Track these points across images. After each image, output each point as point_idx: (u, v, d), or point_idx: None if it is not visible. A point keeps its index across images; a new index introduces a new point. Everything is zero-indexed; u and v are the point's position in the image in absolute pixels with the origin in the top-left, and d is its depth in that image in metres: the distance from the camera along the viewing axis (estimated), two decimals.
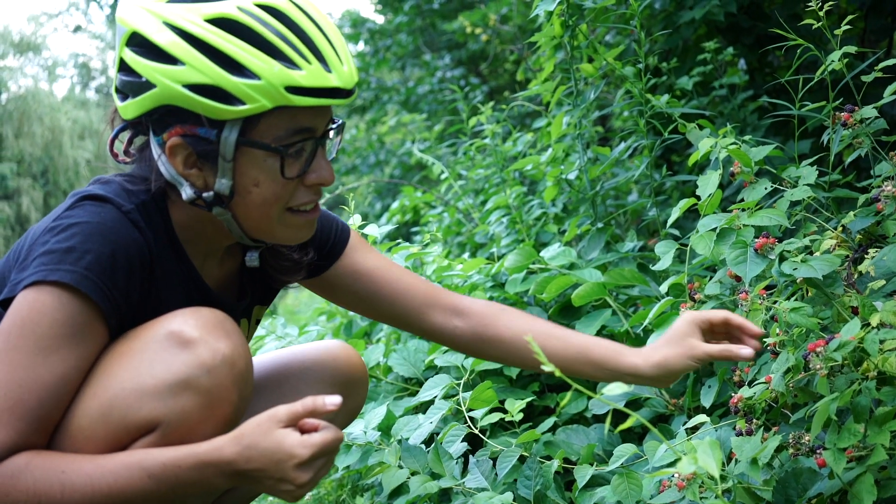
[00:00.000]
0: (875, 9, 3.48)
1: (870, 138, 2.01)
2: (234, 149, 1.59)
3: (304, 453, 1.51)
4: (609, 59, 3.01)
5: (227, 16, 1.53)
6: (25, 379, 1.49)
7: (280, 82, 1.53)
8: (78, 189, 1.69)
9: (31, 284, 1.52)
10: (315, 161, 1.66)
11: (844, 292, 1.85)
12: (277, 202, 1.65)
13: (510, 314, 2.02)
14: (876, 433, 1.55)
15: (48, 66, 29.59)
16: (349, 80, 1.61)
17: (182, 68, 1.53)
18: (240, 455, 1.52)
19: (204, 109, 1.55)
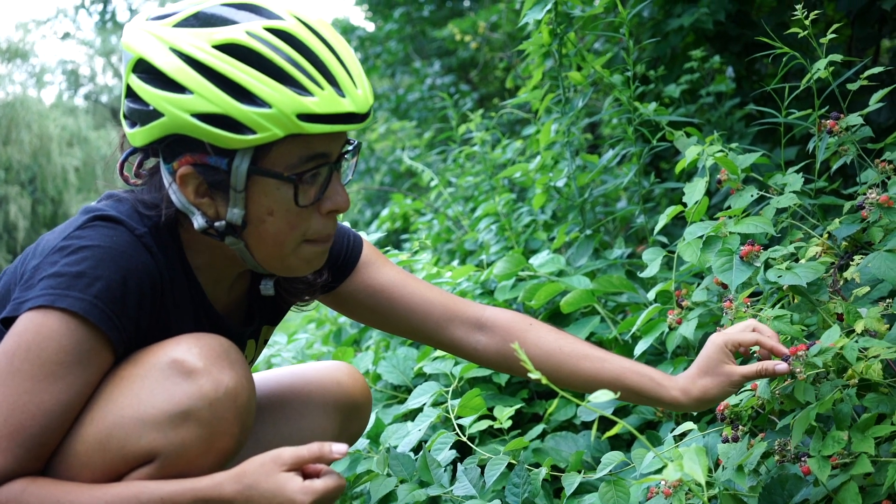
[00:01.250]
0: (861, 17, 3.50)
1: (855, 146, 2.02)
2: (245, 178, 1.54)
3: (305, 500, 1.50)
4: (597, 67, 3.02)
5: (235, 41, 1.48)
6: (28, 404, 1.46)
7: (292, 110, 1.48)
8: (89, 204, 1.65)
9: (37, 307, 1.48)
10: (330, 187, 1.61)
11: (830, 299, 1.86)
12: (292, 232, 1.60)
13: (538, 330, 1.93)
14: (860, 440, 1.56)
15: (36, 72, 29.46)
16: (364, 105, 1.55)
17: (190, 97, 1.48)
18: (240, 494, 1.50)
19: (213, 139, 1.50)
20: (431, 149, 6.47)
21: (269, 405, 2.05)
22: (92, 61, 32.45)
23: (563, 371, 1.85)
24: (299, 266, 1.67)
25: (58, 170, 21.98)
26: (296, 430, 2.06)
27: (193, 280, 1.70)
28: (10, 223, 21.54)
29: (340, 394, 2.10)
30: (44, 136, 21.87)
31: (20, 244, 21.53)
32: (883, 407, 1.60)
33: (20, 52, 27.49)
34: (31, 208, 22.05)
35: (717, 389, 1.73)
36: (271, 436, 2.04)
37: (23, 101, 22.17)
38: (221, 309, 1.80)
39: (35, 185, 22.18)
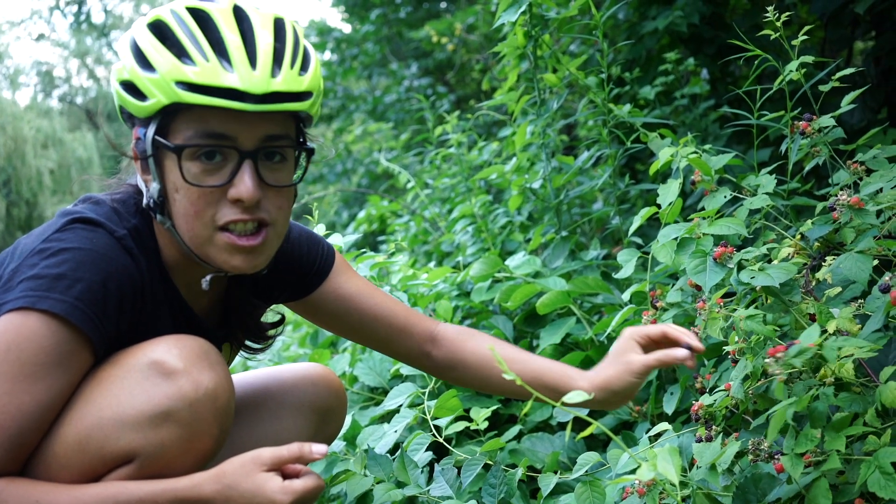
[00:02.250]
0: (834, 19, 3.52)
1: (828, 147, 2.04)
2: (152, 147, 1.58)
3: (285, 500, 1.50)
4: (572, 69, 3.04)
5: (158, 17, 1.59)
6: (7, 406, 1.46)
7: (171, 77, 1.52)
8: (67, 208, 1.67)
9: (17, 309, 1.48)
10: (238, 175, 1.58)
11: (802, 300, 1.88)
12: (198, 214, 1.58)
13: (477, 339, 2.01)
14: (833, 438, 1.57)
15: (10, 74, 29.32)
16: (256, 85, 1.52)
17: (120, 66, 1.61)
18: (219, 494, 1.51)
19: (129, 106, 1.59)
20: (408, 150, 6.48)
21: (244, 407, 2.06)
22: (67, 63, 32.32)
23: (494, 376, 1.95)
24: (218, 257, 1.63)
25: (32, 172, 21.86)
26: (271, 431, 2.07)
27: (169, 281, 1.71)
28: None
29: (315, 395, 2.12)
30: (18, 139, 21.73)
31: None
32: (855, 406, 1.61)
33: None
34: (5, 210, 21.92)
35: (619, 378, 1.79)
36: (247, 437, 2.04)
37: None
38: (199, 311, 1.81)
39: (9, 188, 22.04)
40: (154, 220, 1.68)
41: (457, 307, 3.03)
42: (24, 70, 31.56)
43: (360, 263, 2.98)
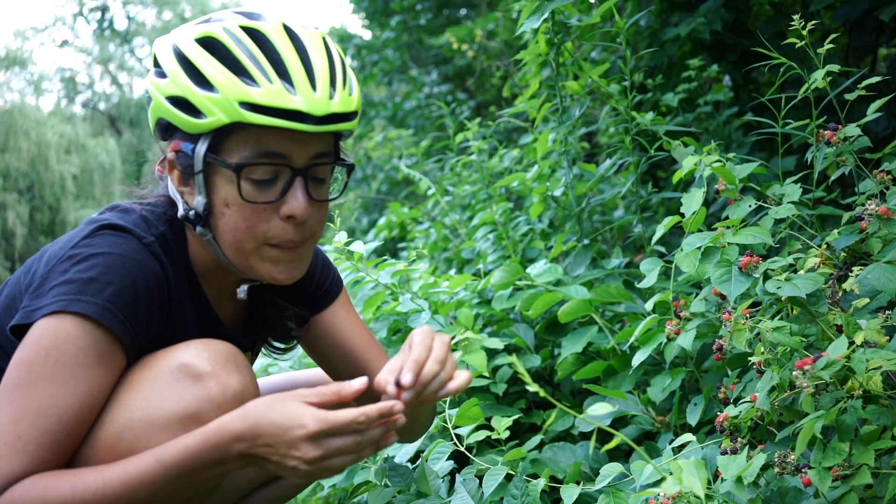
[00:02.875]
0: (858, 26, 3.50)
1: (853, 156, 2.02)
2: (203, 163, 1.60)
3: (315, 425, 1.44)
4: (594, 76, 3.02)
5: (210, 35, 1.60)
6: (53, 408, 1.48)
7: (235, 97, 1.54)
8: (94, 216, 1.70)
9: (50, 314, 1.50)
10: (290, 192, 1.62)
11: (829, 310, 1.85)
12: (249, 229, 1.62)
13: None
14: (861, 452, 1.55)
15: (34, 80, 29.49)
16: (318, 107, 1.56)
17: (166, 81, 1.61)
18: (248, 428, 1.47)
19: (178, 122, 1.59)
20: (428, 157, 6.47)
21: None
22: (90, 69, 32.45)
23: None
24: (262, 269, 1.68)
25: (55, 177, 21.99)
26: None
27: (198, 288, 1.74)
28: (8, 230, 21.54)
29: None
30: (42, 144, 21.88)
31: (18, 251, 21.52)
32: (884, 419, 1.59)
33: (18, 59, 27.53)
34: (28, 215, 22.06)
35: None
36: None
37: (21, 108, 22.18)
38: (224, 319, 1.84)
39: (33, 193, 22.19)
40: (186, 229, 1.72)
41: (477, 315, 3.02)
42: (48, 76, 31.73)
43: (381, 271, 2.98)
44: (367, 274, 2.93)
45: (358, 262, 2.88)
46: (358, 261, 2.88)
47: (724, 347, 2.02)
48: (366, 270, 2.92)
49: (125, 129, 29.65)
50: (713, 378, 2.33)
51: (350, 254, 2.87)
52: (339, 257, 2.84)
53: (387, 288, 2.96)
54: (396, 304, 3.01)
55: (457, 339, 2.71)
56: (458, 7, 9.29)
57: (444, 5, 9.14)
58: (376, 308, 3.10)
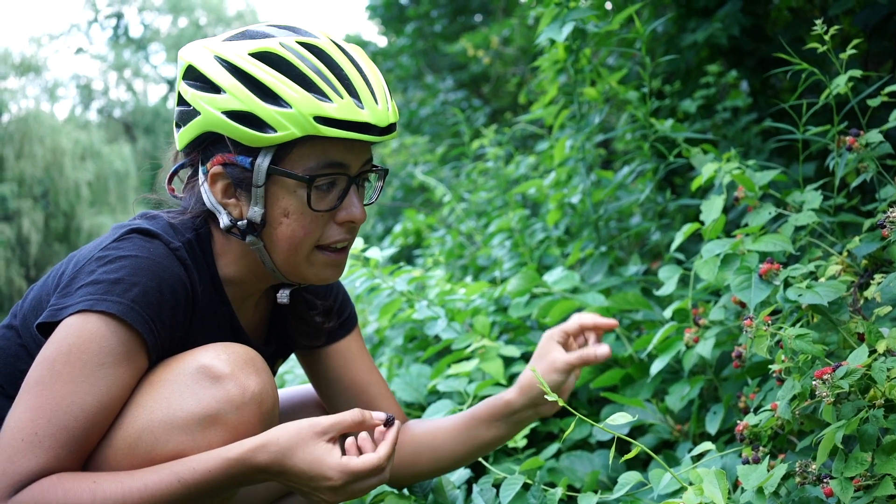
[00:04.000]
0: (878, 31, 3.47)
1: (875, 162, 2.00)
2: (265, 176, 1.63)
3: (339, 479, 1.53)
4: (613, 82, 3.01)
5: (269, 49, 1.62)
6: (71, 406, 1.49)
7: (310, 112, 1.58)
8: (121, 222, 1.73)
9: (76, 312, 1.53)
10: (347, 198, 1.69)
11: (850, 318, 1.84)
12: (307, 236, 1.68)
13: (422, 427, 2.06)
14: (883, 462, 1.53)
15: (49, 87, 29.65)
16: (382, 119, 1.64)
17: (223, 96, 1.61)
18: (273, 463, 1.53)
19: (239, 136, 1.62)
20: (444, 164, 6.46)
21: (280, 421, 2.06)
22: (105, 76, 32.61)
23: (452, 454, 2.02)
24: (311, 273, 1.74)
25: (70, 184, 22.09)
26: None
27: (223, 294, 1.77)
28: (23, 237, 21.63)
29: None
30: (56, 151, 21.99)
31: (33, 258, 21.61)
32: None
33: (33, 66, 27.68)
34: (43, 222, 22.15)
35: (547, 372, 1.93)
36: None
37: (36, 115, 22.31)
38: (246, 326, 1.87)
39: (48, 199, 22.29)
40: (213, 239, 1.75)
41: (494, 322, 3.01)
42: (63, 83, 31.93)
43: (396, 278, 2.97)
44: (384, 281, 2.92)
45: (374, 269, 2.88)
46: (374, 268, 2.88)
47: (744, 355, 2.01)
48: (382, 277, 2.92)
49: (140, 135, 29.76)
50: (732, 386, 2.31)
51: (366, 261, 2.86)
52: (354, 264, 2.83)
53: (403, 295, 2.95)
54: (412, 312, 3.00)
55: (474, 347, 2.70)
56: (474, 13, 9.29)
57: (459, 12, 9.14)
58: (392, 315, 3.09)
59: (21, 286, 20.89)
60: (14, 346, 1.70)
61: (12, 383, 1.64)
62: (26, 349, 1.68)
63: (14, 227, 21.57)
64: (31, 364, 1.55)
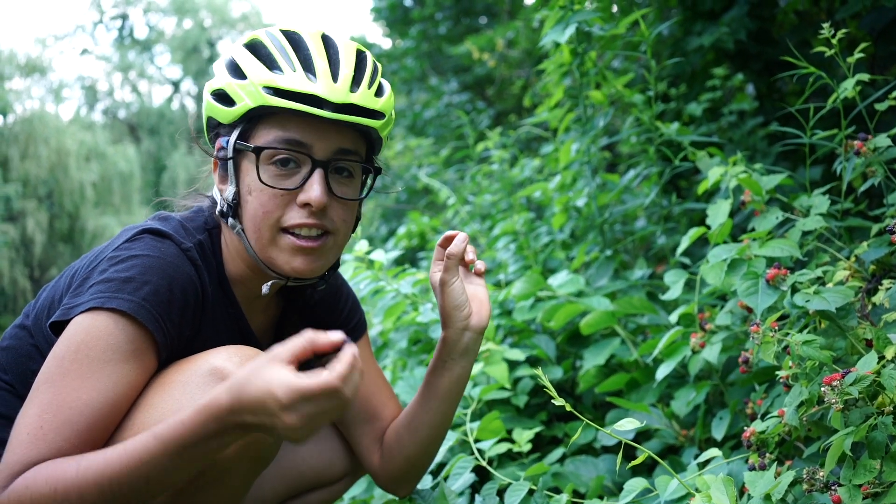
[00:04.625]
0: (885, 34, 3.46)
1: (883, 167, 1.99)
2: (233, 151, 1.70)
3: (287, 397, 1.39)
4: (619, 86, 3.00)
5: (254, 38, 1.75)
6: (76, 401, 1.50)
7: (260, 81, 1.66)
8: (134, 224, 1.75)
9: (87, 310, 1.54)
10: (309, 182, 1.69)
11: (858, 324, 1.82)
12: (266, 215, 1.69)
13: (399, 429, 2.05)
14: (892, 469, 1.52)
15: (54, 88, 29.70)
16: (336, 95, 1.66)
17: (213, 79, 1.76)
18: (234, 399, 1.43)
19: (216, 113, 1.72)
20: (448, 166, 6.45)
21: None
22: (110, 77, 32.66)
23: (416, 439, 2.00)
24: (281, 259, 1.72)
25: (75, 185, 22.10)
26: (315, 451, 2.10)
27: (231, 296, 1.79)
28: (28, 237, 21.65)
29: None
30: (61, 152, 22.00)
31: (37, 258, 21.63)
32: None
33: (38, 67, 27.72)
34: (48, 223, 22.16)
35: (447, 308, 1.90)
36: (291, 456, 2.08)
37: (41, 116, 22.31)
38: (255, 328, 1.88)
39: (52, 200, 22.30)
40: (222, 236, 1.79)
41: (499, 326, 3.00)
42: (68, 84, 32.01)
43: (401, 280, 2.96)
44: (388, 283, 2.91)
45: (378, 271, 2.87)
46: (378, 270, 2.87)
47: (751, 360, 1.99)
48: (386, 280, 2.91)
49: (145, 136, 29.80)
50: (739, 392, 2.30)
51: (371, 263, 2.85)
52: (359, 266, 2.82)
53: (407, 298, 2.94)
54: (417, 314, 3.00)
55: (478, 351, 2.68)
56: (478, 16, 9.28)
57: (463, 14, 9.14)
58: (396, 318, 3.08)
59: (25, 287, 20.91)
60: (26, 346, 1.72)
61: (23, 383, 1.66)
62: (38, 349, 1.69)
63: (18, 228, 21.58)
64: (42, 363, 1.55)
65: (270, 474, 2.06)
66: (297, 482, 2.10)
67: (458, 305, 1.88)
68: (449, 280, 1.86)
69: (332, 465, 2.12)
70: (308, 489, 2.12)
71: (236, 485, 1.65)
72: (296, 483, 2.09)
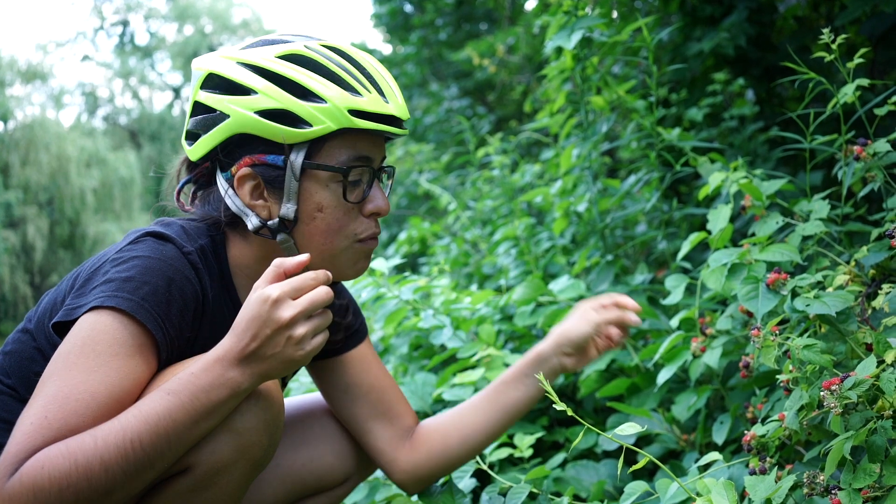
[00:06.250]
0: (885, 40, 3.47)
1: (883, 172, 2.00)
2: (300, 172, 1.68)
3: (272, 289, 1.52)
4: (621, 92, 3.01)
5: (295, 52, 1.69)
6: (83, 394, 1.50)
7: (345, 105, 1.65)
8: (138, 227, 1.76)
9: (90, 310, 1.56)
10: (372, 191, 1.75)
11: (858, 328, 1.83)
12: (341, 229, 1.73)
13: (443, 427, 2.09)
14: (892, 473, 1.53)
15: (55, 94, 29.73)
16: (403, 112, 1.74)
17: (255, 97, 1.66)
18: (235, 336, 1.53)
19: (273, 134, 1.66)
20: (449, 172, 6.46)
21: (290, 429, 2.09)
22: (111, 83, 32.71)
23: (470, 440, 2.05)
24: (347, 266, 1.78)
25: (76, 191, 22.12)
26: (316, 455, 2.09)
27: (237, 300, 1.79)
28: (28, 244, 21.66)
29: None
30: (62, 158, 22.02)
31: (37, 265, 21.64)
32: None
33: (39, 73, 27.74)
34: (48, 229, 22.17)
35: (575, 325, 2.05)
36: (292, 460, 2.07)
37: (41, 122, 22.34)
38: None
39: (53, 206, 22.31)
40: (229, 244, 1.78)
41: (499, 331, 3.00)
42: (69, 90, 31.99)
43: (402, 287, 2.97)
44: (389, 290, 2.92)
45: (380, 278, 2.87)
46: (380, 277, 2.87)
47: (751, 365, 2.00)
48: (387, 286, 2.91)
49: (145, 142, 29.83)
50: (739, 396, 2.30)
51: (372, 271, 2.86)
52: None
53: (408, 304, 2.95)
54: (418, 320, 3.00)
55: (479, 356, 2.69)
56: (479, 22, 9.29)
57: (464, 20, 9.15)
58: (398, 324, 3.08)
59: (26, 293, 20.92)
60: (29, 350, 1.71)
61: (26, 386, 1.65)
62: (40, 351, 1.69)
63: (19, 234, 21.60)
64: (45, 366, 1.55)
65: (271, 478, 2.06)
66: (299, 487, 2.10)
67: (581, 345, 2.03)
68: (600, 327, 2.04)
69: (333, 469, 2.12)
70: (309, 494, 2.13)
71: (231, 489, 1.65)
72: (297, 487, 2.10)
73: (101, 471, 1.44)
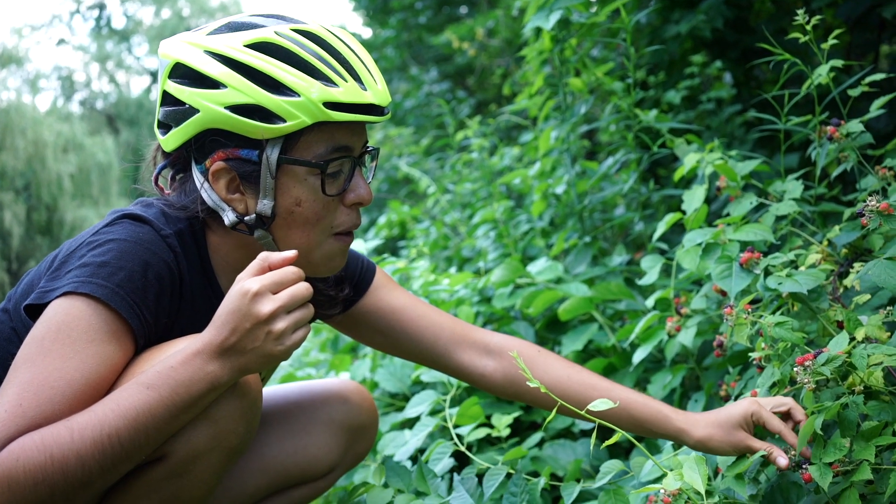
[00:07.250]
0: (860, 23, 3.49)
1: (856, 152, 2.02)
2: (276, 167, 1.62)
3: (253, 282, 1.48)
4: (599, 73, 3.02)
5: (266, 39, 1.60)
6: (58, 381, 1.48)
7: (319, 98, 1.58)
8: (119, 208, 1.72)
9: (63, 294, 1.53)
10: (353, 181, 1.69)
11: (830, 307, 1.85)
12: (320, 223, 1.67)
13: (546, 358, 1.97)
14: (862, 448, 1.55)
15: (31, 78, 29.48)
16: (383, 98, 1.66)
17: (224, 91, 1.58)
18: (215, 329, 1.49)
19: (245, 129, 1.59)
20: (429, 155, 6.46)
21: (274, 420, 2.07)
22: (87, 67, 32.43)
23: (570, 400, 1.83)
24: (322, 262, 1.72)
25: (52, 176, 21.93)
26: (301, 446, 2.08)
27: (215, 285, 1.76)
28: (5, 230, 21.49)
29: (347, 412, 2.14)
30: (38, 143, 21.82)
31: (14, 251, 21.48)
32: (885, 415, 1.59)
33: (15, 57, 27.51)
34: (25, 215, 21.99)
35: (721, 445, 1.75)
36: (276, 451, 2.05)
37: (17, 107, 22.12)
38: None
39: (30, 192, 22.13)
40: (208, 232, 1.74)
41: (478, 313, 3.02)
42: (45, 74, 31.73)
43: (381, 269, 2.97)
44: None
45: None
46: None
47: (725, 344, 2.02)
48: None
49: (123, 127, 29.63)
50: (714, 375, 2.33)
51: None
52: None
53: None
54: None
55: None
56: (459, 5, 9.28)
57: (444, 3, 9.14)
58: None
59: (3, 279, 20.77)
60: (6, 329, 1.70)
61: (2, 365, 1.63)
62: (16, 332, 1.67)
63: None
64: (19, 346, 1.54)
65: (254, 468, 2.04)
66: (282, 477, 2.08)
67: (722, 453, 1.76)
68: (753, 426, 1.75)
69: (317, 461, 2.11)
70: (293, 484, 2.12)
71: (206, 476, 1.63)
72: (280, 478, 2.08)
73: (77, 465, 1.43)
